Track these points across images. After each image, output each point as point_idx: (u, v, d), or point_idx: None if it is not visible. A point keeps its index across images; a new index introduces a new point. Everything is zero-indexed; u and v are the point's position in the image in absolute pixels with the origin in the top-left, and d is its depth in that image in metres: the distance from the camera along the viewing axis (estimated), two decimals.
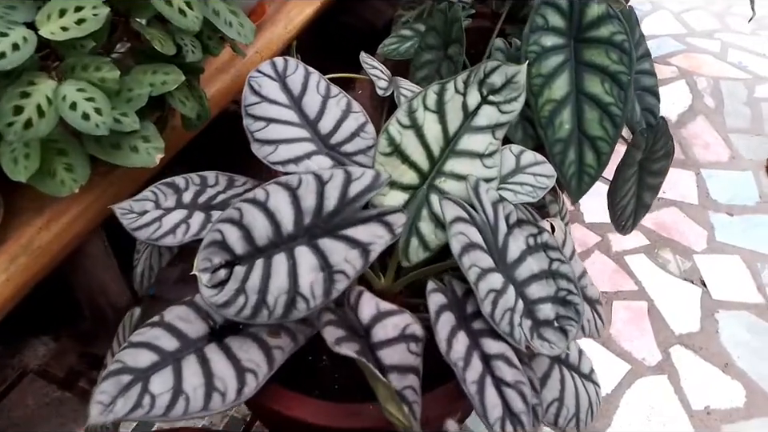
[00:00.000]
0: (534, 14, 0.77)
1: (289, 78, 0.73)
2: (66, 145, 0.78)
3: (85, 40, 0.72)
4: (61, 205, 0.93)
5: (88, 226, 0.98)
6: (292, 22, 1.39)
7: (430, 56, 0.90)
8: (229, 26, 0.88)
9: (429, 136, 0.64)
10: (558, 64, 0.78)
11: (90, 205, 0.97)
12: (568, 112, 0.78)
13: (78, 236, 0.97)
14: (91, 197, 0.96)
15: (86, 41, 0.72)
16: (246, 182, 0.75)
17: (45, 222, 0.92)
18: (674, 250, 1.47)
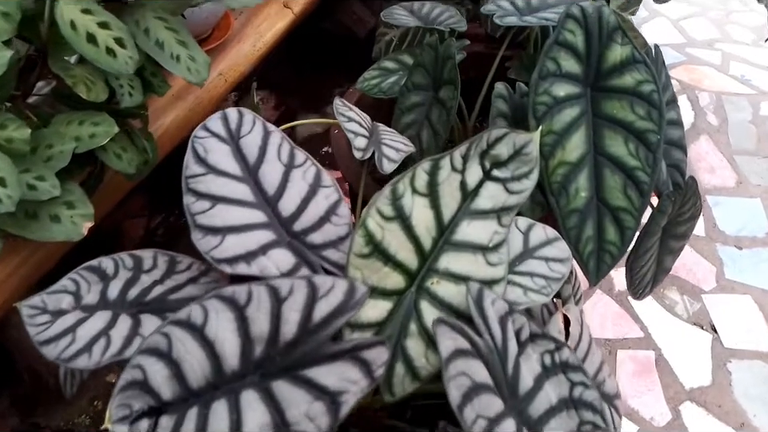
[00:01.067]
0: (544, 56, 0.63)
1: (244, 140, 0.58)
2: None
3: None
4: None
5: (14, 293, 0.83)
6: (262, 38, 1.23)
7: (418, 98, 0.76)
8: (175, 60, 0.73)
9: (418, 226, 0.50)
10: (573, 118, 0.64)
11: (14, 269, 0.81)
12: (585, 177, 0.64)
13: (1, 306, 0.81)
14: (16, 260, 0.80)
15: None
16: (191, 266, 0.60)
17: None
18: (682, 290, 1.35)
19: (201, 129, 0.59)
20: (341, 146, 0.89)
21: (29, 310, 0.56)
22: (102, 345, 0.51)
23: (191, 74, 0.73)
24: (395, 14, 0.86)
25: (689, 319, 1.30)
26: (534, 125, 0.64)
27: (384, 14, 0.87)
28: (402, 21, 0.83)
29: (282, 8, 1.29)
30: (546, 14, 0.75)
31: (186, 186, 0.55)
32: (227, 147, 0.58)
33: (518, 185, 0.53)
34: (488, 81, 0.85)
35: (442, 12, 0.87)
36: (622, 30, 0.63)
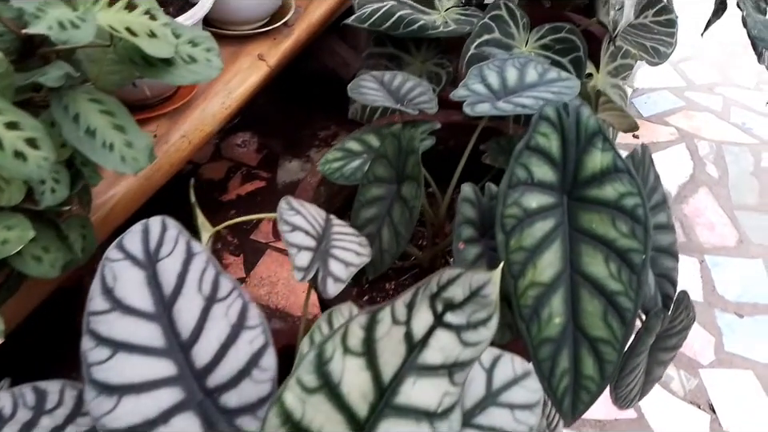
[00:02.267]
0: (514, 162, 0.56)
1: (162, 264, 0.50)
2: None
3: None
4: None
5: None
6: (231, 95, 1.16)
7: (380, 191, 0.68)
8: (108, 149, 0.65)
9: (351, 394, 0.42)
10: (546, 233, 0.56)
11: None
12: (559, 300, 0.56)
13: None
14: None
15: None
16: None
17: None
18: (678, 363, 1.27)
19: (115, 248, 0.51)
20: (307, 191, 0.81)
21: None
22: None
23: (125, 163, 0.65)
24: (363, 88, 0.79)
25: (685, 397, 1.21)
26: (503, 239, 0.56)
27: (351, 88, 0.79)
28: (369, 98, 0.76)
29: (256, 60, 1.22)
30: (523, 100, 0.68)
31: (86, 326, 0.47)
32: (141, 274, 0.50)
33: (474, 335, 0.44)
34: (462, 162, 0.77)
35: (414, 87, 0.80)
36: (603, 134, 0.56)
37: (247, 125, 1.85)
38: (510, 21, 0.94)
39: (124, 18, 0.66)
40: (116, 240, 0.52)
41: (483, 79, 0.71)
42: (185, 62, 0.73)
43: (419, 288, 0.44)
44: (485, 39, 0.92)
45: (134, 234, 0.52)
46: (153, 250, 0.51)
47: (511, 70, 0.72)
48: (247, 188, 1.67)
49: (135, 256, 0.51)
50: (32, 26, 0.51)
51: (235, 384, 0.45)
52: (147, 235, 0.52)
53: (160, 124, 1.05)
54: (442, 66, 1.00)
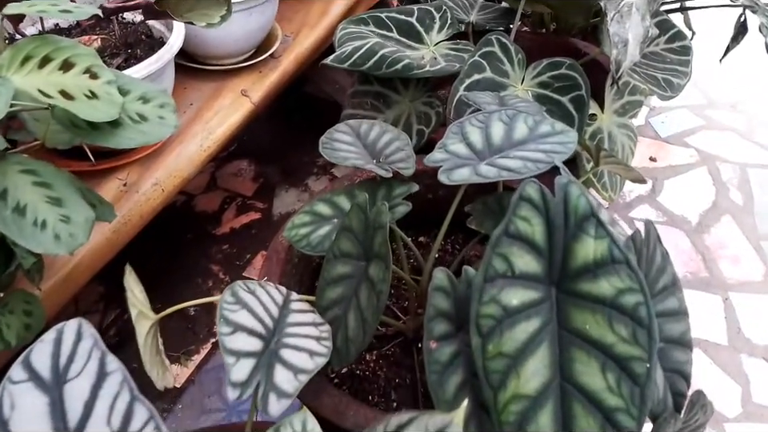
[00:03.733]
0: (491, 252, 0.47)
1: (70, 386, 0.43)
2: None
3: None
4: None
5: None
6: (211, 135, 1.09)
7: (347, 268, 0.60)
8: (40, 228, 0.58)
9: None
10: (531, 334, 0.47)
11: None
12: (548, 416, 0.47)
13: None
14: None
15: None
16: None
17: None
18: None
19: (19, 366, 0.43)
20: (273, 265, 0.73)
21: None
22: None
23: (59, 242, 0.58)
24: (336, 142, 0.71)
25: None
26: (479, 343, 0.47)
27: (323, 140, 0.71)
28: (339, 155, 0.68)
29: (239, 96, 1.15)
30: (509, 162, 0.59)
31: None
32: (43, 400, 0.42)
33: None
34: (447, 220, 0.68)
35: (392, 141, 0.71)
36: (596, 217, 0.47)
37: (243, 152, 1.79)
38: (504, 57, 0.86)
39: (57, 80, 0.60)
40: (22, 355, 0.45)
41: (464, 137, 0.62)
42: (133, 121, 0.66)
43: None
44: (475, 80, 0.83)
45: (43, 346, 0.45)
46: (62, 366, 0.44)
47: (497, 125, 0.64)
48: (242, 220, 1.60)
49: (41, 375, 0.43)
50: None
51: None
52: (59, 347, 0.45)
53: (131, 171, 0.98)
54: (431, 105, 0.92)
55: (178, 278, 1.39)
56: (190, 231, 1.53)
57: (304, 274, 0.79)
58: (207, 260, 1.47)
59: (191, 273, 1.42)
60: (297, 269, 0.78)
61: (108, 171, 0.96)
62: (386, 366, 0.75)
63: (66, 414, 0.42)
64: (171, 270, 1.41)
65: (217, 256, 1.48)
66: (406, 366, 0.75)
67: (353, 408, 0.60)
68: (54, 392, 0.43)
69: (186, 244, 1.48)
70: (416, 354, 0.76)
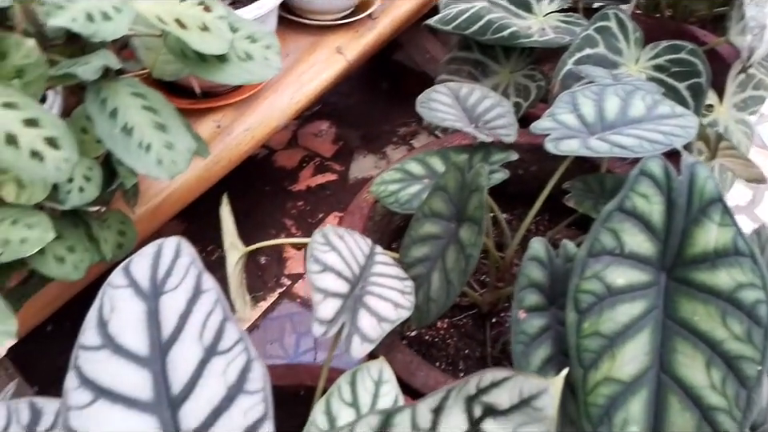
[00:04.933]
0: (599, 226, 0.44)
1: (166, 299, 0.44)
2: None
3: None
4: None
5: None
6: (302, 90, 1.09)
7: (436, 228, 0.59)
8: (145, 150, 0.60)
9: None
10: (634, 318, 0.45)
11: None
12: (640, 405, 0.44)
13: None
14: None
15: None
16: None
17: None
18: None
19: (119, 273, 0.45)
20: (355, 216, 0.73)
21: None
22: None
23: (161, 166, 0.59)
24: (434, 102, 0.69)
25: None
26: (575, 319, 0.45)
27: (420, 102, 0.70)
28: (437, 115, 0.66)
29: (334, 54, 1.14)
30: (623, 139, 0.56)
31: (73, 360, 0.41)
32: (141, 307, 0.43)
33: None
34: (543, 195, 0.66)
35: (492, 107, 0.69)
36: (723, 203, 0.43)
37: (326, 114, 1.80)
38: (620, 34, 0.81)
39: (174, 8, 0.60)
40: (123, 262, 0.46)
41: (575, 108, 0.59)
42: (240, 59, 0.66)
43: (451, 390, 0.34)
44: (586, 54, 0.79)
45: (142, 258, 0.46)
46: (160, 279, 0.45)
47: (612, 99, 0.60)
48: (318, 179, 1.62)
49: (139, 284, 0.44)
50: (52, 17, 0.46)
51: None
52: (158, 260, 0.46)
53: (226, 114, 1.00)
54: (533, 78, 0.88)
55: (253, 228, 1.42)
56: (269, 184, 1.56)
57: (384, 234, 0.79)
58: (282, 214, 1.49)
59: (266, 224, 1.45)
60: (377, 227, 0.78)
61: (204, 112, 0.98)
62: (456, 336, 0.74)
63: (160, 324, 0.43)
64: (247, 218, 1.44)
65: (291, 211, 1.50)
66: (477, 339, 0.74)
67: (424, 369, 0.59)
68: (151, 302, 0.44)
69: (263, 196, 1.51)
70: (489, 328, 0.74)
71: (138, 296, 0.44)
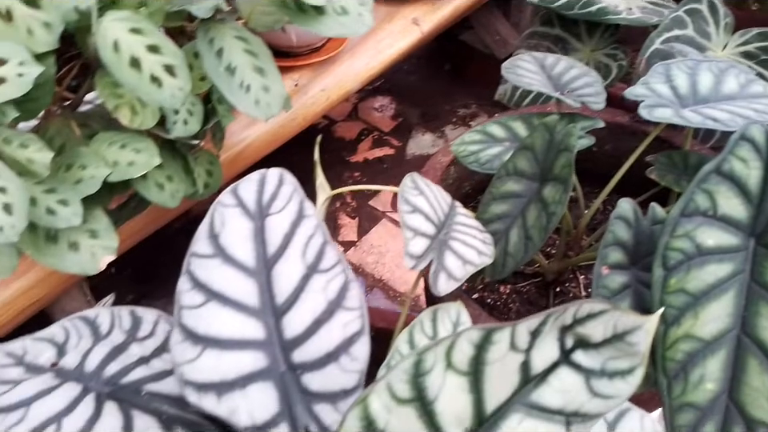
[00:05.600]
0: (695, 187, 0.45)
1: (271, 220, 0.47)
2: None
3: (5, 107, 0.50)
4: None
5: (51, 291, 0.79)
6: (378, 57, 1.11)
7: (518, 187, 0.60)
8: (245, 90, 0.63)
9: (444, 414, 0.36)
10: (720, 279, 0.45)
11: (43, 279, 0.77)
12: (718, 363, 0.45)
13: (35, 304, 0.78)
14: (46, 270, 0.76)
15: (7, 108, 0.50)
16: None
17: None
18: None
19: (228, 193, 0.48)
20: (433, 170, 0.75)
21: (3, 358, 0.49)
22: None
23: (258, 107, 0.63)
24: (519, 69, 0.70)
25: None
26: (661, 276, 0.46)
27: (506, 66, 0.71)
28: (523, 80, 0.67)
29: (410, 24, 1.16)
30: (716, 113, 0.56)
31: (186, 266, 0.45)
32: (249, 225, 0.46)
33: (608, 385, 0.36)
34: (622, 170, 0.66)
35: (579, 76, 0.69)
36: None
37: (387, 89, 1.82)
38: (710, 18, 0.80)
39: None
40: (230, 186, 0.49)
41: (669, 79, 0.59)
42: (336, 12, 0.69)
43: (549, 315, 0.36)
44: (674, 35, 0.79)
45: (249, 183, 0.49)
46: (265, 203, 0.48)
47: (706, 74, 0.60)
48: (376, 153, 1.64)
49: (247, 205, 0.48)
50: None
51: (321, 366, 0.41)
52: (263, 186, 0.49)
53: (302, 74, 1.03)
54: (615, 57, 0.88)
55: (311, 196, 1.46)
56: (328, 153, 1.59)
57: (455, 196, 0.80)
58: (339, 183, 1.52)
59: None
60: (449, 189, 0.79)
61: (284, 70, 1.01)
62: (518, 302, 0.75)
63: (266, 241, 0.46)
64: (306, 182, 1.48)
65: (348, 181, 1.53)
66: (540, 306, 0.75)
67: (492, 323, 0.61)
68: (258, 221, 0.47)
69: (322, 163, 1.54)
70: (552, 296, 0.75)
71: (245, 215, 0.47)
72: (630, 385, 0.36)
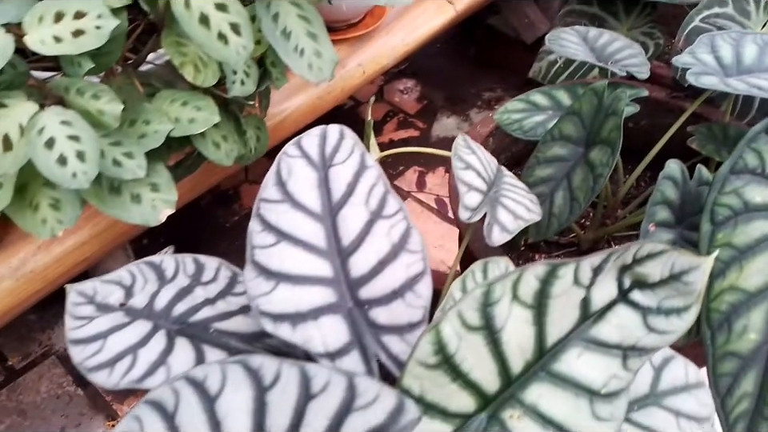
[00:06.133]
0: (744, 146, 0.47)
1: (334, 170, 0.49)
2: None
3: (81, 58, 0.53)
4: None
5: (102, 249, 0.83)
6: (413, 34, 1.13)
7: (564, 151, 0.62)
8: (299, 54, 0.65)
9: (509, 343, 0.38)
10: (766, 235, 0.47)
11: (107, 227, 0.81)
12: (761, 315, 0.47)
13: (85, 261, 0.81)
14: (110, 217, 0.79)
15: (83, 59, 0.53)
16: None
17: (45, 241, 0.76)
18: None
19: (293, 146, 0.50)
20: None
21: (76, 297, 0.52)
22: (126, 365, 0.46)
23: (311, 71, 0.65)
24: (563, 40, 0.72)
25: None
26: (709, 230, 0.48)
27: (549, 38, 0.73)
28: (569, 50, 0.69)
29: (445, 4, 1.18)
30: (761, 81, 0.57)
31: (256, 209, 0.47)
32: (314, 175, 0.49)
33: (664, 322, 0.38)
34: (661, 143, 0.68)
35: (623, 48, 0.71)
36: None
37: (413, 72, 1.84)
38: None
39: None
40: (294, 139, 0.52)
41: (714, 50, 0.61)
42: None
43: (612, 253, 0.38)
44: (714, 12, 0.80)
45: (312, 137, 0.52)
46: (328, 154, 0.50)
47: (751, 46, 0.62)
48: (401, 134, 1.66)
49: (310, 156, 0.50)
50: None
51: (387, 302, 0.43)
52: (324, 140, 0.51)
53: (340, 49, 1.05)
54: (652, 36, 0.89)
55: None
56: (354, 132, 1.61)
57: None
58: None
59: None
60: None
61: None
62: None
63: (330, 189, 0.48)
64: None
65: None
66: None
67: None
68: (321, 171, 0.49)
69: None
70: None
71: (309, 165, 0.50)
72: (686, 321, 0.38)
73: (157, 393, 0.37)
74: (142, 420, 0.37)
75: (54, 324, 1.16)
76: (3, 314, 0.75)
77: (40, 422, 1.05)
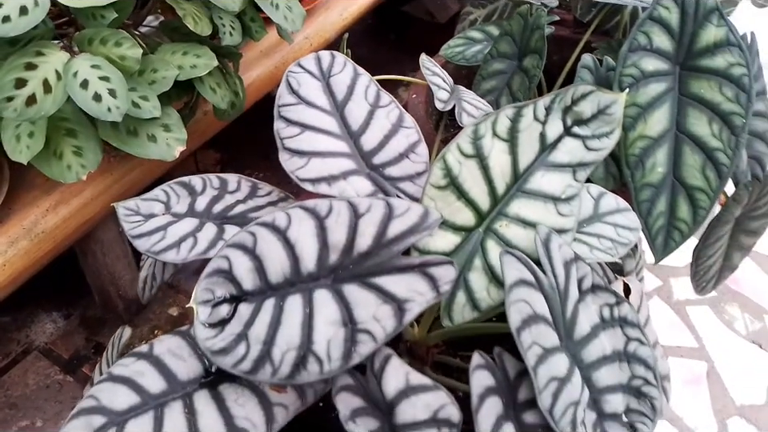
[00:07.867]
0: (636, 30, 0.64)
1: (334, 78, 0.62)
2: (77, 125, 0.68)
3: (105, 10, 0.62)
4: (72, 186, 0.84)
5: (101, 211, 0.90)
6: (348, 9, 1.27)
7: (502, 65, 0.78)
8: (275, 8, 0.77)
9: (494, 169, 0.52)
10: (659, 93, 0.64)
11: (104, 189, 0.88)
12: (663, 153, 0.64)
13: (88, 222, 0.88)
14: (108, 180, 0.87)
15: (107, 11, 0.63)
16: (271, 192, 0.64)
17: (53, 203, 0.83)
18: (743, 307, 1.31)
19: (295, 65, 0.62)
20: (417, 112, 0.91)
21: (124, 210, 0.61)
22: (190, 244, 0.56)
23: (287, 22, 0.77)
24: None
25: (747, 336, 1.25)
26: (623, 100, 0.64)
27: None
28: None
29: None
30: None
31: (277, 114, 0.59)
32: (318, 83, 0.61)
33: (598, 143, 0.54)
34: (569, 63, 0.85)
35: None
36: (719, 11, 0.63)
37: None
38: None
39: None
40: (295, 60, 0.64)
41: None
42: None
43: (558, 95, 0.53)
44: None
45: (308, 59, 0.64)
46: (326, 69, 0.63)
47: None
48: None
49: (312, 71, 0.62)
50: None
51: (396, 162, 0.56)
52: (320, 60, 0.64)
53: None
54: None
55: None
56: None
57: None
58: None
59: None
60: None
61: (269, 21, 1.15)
62: None
63: (334, 92, 0.61)
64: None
65: None
66: None
67: None
68: (323, 81, 0.62)
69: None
70: None
71: (313, 77, 0.62)
72: (613, 140, 0.54)
73: (237, 237, 0.48)
74: (229, 257, 0.47)
75: (29, 323, 1.18)
76: (18, 274, 0.81)
77: (34, 411, 1.07)
